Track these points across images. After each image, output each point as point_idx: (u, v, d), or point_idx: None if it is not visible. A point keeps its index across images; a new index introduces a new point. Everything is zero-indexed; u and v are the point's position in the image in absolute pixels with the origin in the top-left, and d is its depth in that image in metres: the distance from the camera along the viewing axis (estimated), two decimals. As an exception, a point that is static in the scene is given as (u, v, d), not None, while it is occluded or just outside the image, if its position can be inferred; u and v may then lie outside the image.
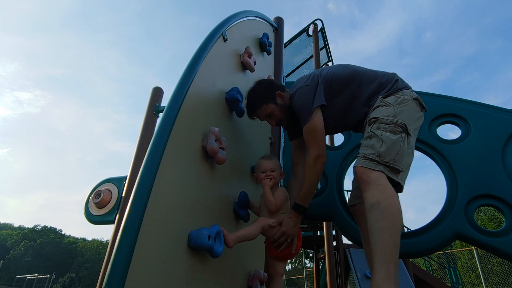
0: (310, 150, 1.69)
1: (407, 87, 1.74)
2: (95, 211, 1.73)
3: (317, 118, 1.69)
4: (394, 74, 1.81)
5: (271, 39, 2.64)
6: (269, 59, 2.61)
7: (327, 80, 1.77)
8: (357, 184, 1.85)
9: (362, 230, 1.80)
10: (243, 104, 1.78)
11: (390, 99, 1.66)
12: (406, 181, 1.60)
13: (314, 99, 1.71)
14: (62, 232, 55.71)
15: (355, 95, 1.76)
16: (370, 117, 1.65)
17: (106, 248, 1.77)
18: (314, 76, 1.80)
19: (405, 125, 1.58)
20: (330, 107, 1.74)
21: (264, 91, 1.80)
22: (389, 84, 1.73)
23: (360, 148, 1.61)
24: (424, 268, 10.62)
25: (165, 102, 2.08)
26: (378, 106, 1.67)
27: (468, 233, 1.87)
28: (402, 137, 1.55)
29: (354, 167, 1.58)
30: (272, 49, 2.65)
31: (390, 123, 1.58)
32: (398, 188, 1.54)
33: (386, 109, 1.63)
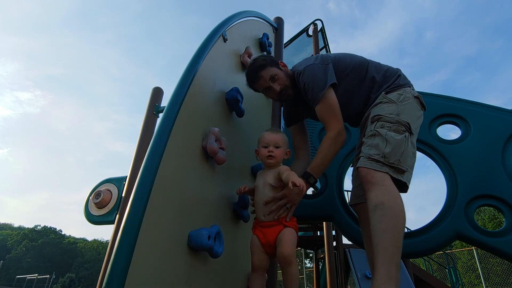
0: (330, 125, 1.61)
1: (408, 84, 1.72)
2: (95, 211, 1.73)
3: (332, 95, 1.64)
4: (398, 70, 1.79)
5: (271, 39, 2.64)
6: (269, 59, 2.60)
7: (334, 63, 1.73)
8: (358, 183, 1.84)
9: (364, 230, 1.78)
10: (246, 72, 1.81)
11: (393, 96, 1.64)
12: (407, 181, 1.59)
13: (326, 77, 1.65)
14: (62, 232, 55.75)
15: (359, 84, 1.73)
16: (374, 114, 1.62)
17: (106, 248, 1.77)
18: (322, 57, 1.76)
19: (409, 124, 1.56)
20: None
21: (267, 57, 1.83)
22: (391, 79, 1.71)
23: (363, 147, 1.57)
24: (424, 268, 10.61)
25: (165, 102, 2.08)
26: (381, 103, 1.64)
27: (468, 233, 1.87)
28: (406, 136, 1.53)
29: (357, 167, 1.53)
30: (272, 49, 2.65)
31: (394, 121, 1.55)
32: (403, 188, 1.53)
33: (389, 106, 1.61)
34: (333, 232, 5.40)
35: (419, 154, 1.83)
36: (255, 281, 1.44)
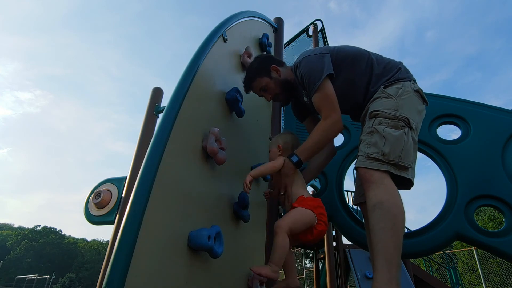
0: (326, 114, 1.61)
1: (408, 78, 1.69)
2: (95, 212, 1.73)
3: (328, 86, 1.63)
4: (399, 63, 1.77)
5: (271, 40, 2.64)
6: (269, 60, 2.60)
7: (333, 53, 1.72)
8: (360, 182, 1.83)
9: (368, 229, 1.76)
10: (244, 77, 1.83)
11: (391, 90, 1.61)
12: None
13: (323, 67, 1.64)
14: (62, 233, 55.66)
15: (359, 75, 1.71)
16: (371, 110, 1.59)
17: (106, 249, 1.77)
18: (321, 48, 1.76)
19: (407, 119, 1.53)
20: (333, 83, 1.66)
21: (259, 65, 1.84)
22: (391, 72, 1.69)
23: (361, 145, 1.55)
24: (424, 268, 10.60)
25: (165, 102, 2.08)
26: (379, 97, 1.61)
27: (468, 234, 1.87)
28: (405, 131, 1.50)
29: (356, 167, 1.52)
30: (272, 49, 2.65)
31: (392, 117, 1.52)
32: (408, 185, 1.52)
33: (387, 101, 1.58)
34: (333, 232, 5.40)
35: (419, 154, 1.83)
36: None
